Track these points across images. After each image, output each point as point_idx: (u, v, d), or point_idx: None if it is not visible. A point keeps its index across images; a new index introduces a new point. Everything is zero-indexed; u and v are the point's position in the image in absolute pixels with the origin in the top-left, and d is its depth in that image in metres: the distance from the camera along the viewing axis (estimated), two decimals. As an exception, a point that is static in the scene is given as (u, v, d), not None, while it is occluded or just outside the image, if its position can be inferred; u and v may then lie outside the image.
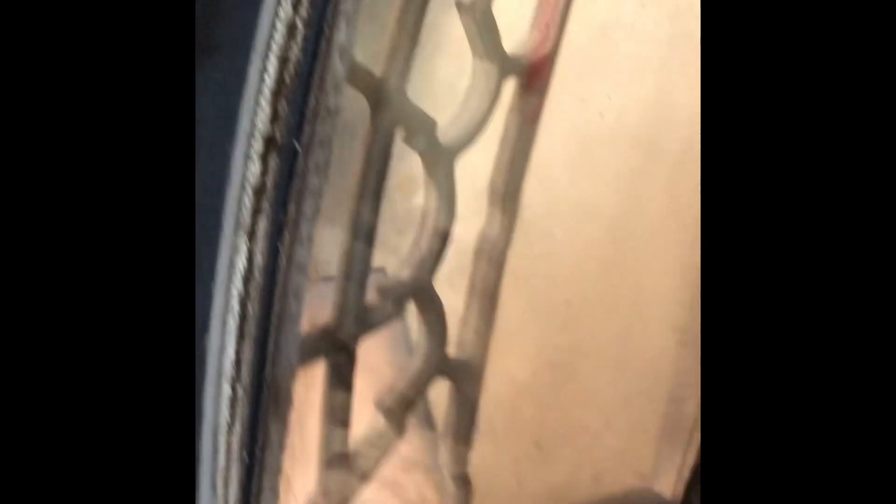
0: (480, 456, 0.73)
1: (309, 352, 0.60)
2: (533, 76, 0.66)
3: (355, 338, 0.63)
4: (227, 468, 0.56)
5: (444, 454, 0.75)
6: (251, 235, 0.51)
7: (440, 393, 0.75)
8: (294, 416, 0.57)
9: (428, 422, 0.80)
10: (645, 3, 0.66)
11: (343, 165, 0.60)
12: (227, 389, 0.54)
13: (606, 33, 0.65)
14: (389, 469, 0.82)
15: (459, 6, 0.59)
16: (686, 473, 0.99)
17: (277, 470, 0.58)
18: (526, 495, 0.78)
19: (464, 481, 0.75)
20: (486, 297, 0.72)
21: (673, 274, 0.81)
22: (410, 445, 0.80)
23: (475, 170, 0.69)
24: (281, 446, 0.57)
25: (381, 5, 0.56)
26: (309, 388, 0.60)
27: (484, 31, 0.60)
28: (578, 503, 0.83)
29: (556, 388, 0.77)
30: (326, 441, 0.66)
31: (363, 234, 0.61)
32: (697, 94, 0.72)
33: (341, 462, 0.67)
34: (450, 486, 0.76)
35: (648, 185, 0.73)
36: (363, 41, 0.56)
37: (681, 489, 1.00)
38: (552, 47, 0.65)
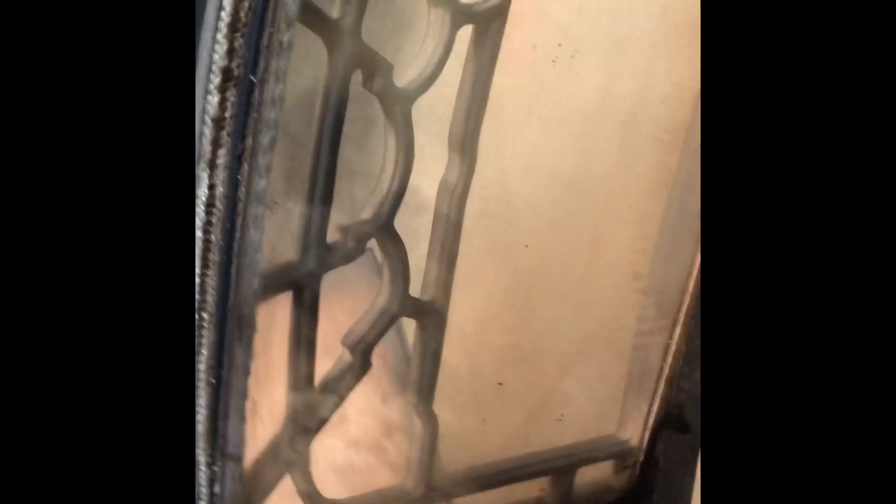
0: (444, 394, 0.77)
1: (271, 285, 0.64)
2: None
3: (317, 274, 0.66)
4: (196, 391, 0.59)
5: (410, 393, 0.79)
6: (212, 166, 0.54)
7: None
8: (258, 342, 0.60)
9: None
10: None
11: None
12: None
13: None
14: (374, 434, 0.85)
15: (411, -46, 0.62)
16: (652, 422, 1.03)
17: (243, 393, 0.61)
18: (490, 433, 0.82)
19: (429, 418, 0.79)
20: (448, 240, 0.75)
21: (630, 222, 0.84)
22: (393, 409, 0.84)
23: (438, 117, 0.72)
24: (246, 371, 0.61)
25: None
26: (272, 314, 0.63)
27: (436, -23, 0.63)
28: (544, 444, 0.87)
29: (517, 330, 0.80)
30: (293, 376, 0.70)
31: (323, 175, 0.64)
32: (652, 40, 0.75)
33: (308, 396, 0.70)
34: (416, 424, 0.80)
35: (602, 132, 0.76)
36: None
37: (647, 438, 1.03)
38: (504, -5, 0.68)
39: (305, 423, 0.69)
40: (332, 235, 0.67)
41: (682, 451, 1.05)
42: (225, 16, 0.51)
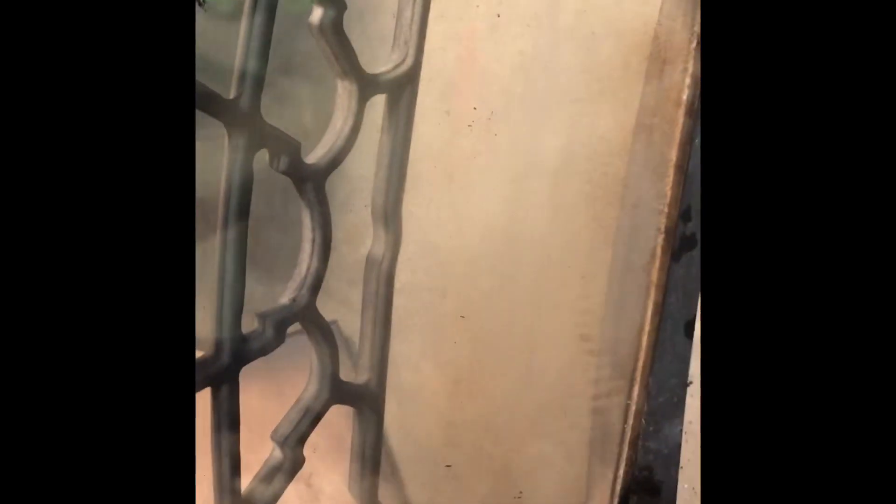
0: (388, 482, 0.71)
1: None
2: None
3: (234, 368, 0.62)
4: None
5: (354, 483, 0.74)
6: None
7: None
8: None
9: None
10: (500, 15, 0.68)
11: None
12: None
13: (466, 45, 0.66)
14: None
15: (310, 27, 0.60)
16: (619, 489, 0.98)
17: None
18: (442, 520, 0.77)
19: (375, 511, 0.73)
20: (379, 316, 0.71)
21: (571, 282, 0.81)
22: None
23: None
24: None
25: (230, 32, 0.57)
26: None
27: (338, 50, 0.61)
28: (503, 525, 0.81)
29: (461, 406, 0.76)
30: (218, 478, 0.64)
31: (232, 261, 0.60)
32: (573, 97, 0.74)
33: (235, 499, 0.65)
34: (363, 517, 0.74)
35: (529, 192, 0.73)
36: (213, 67, 0.57)
37: (616, 505, 0.98)
38: (413, 64, 0.66)
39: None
40: (249, 325, 0.63)
41: (655, 515, 1.00)
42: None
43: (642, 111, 0.82)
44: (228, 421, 0.62)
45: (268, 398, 0.77)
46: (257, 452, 0.68)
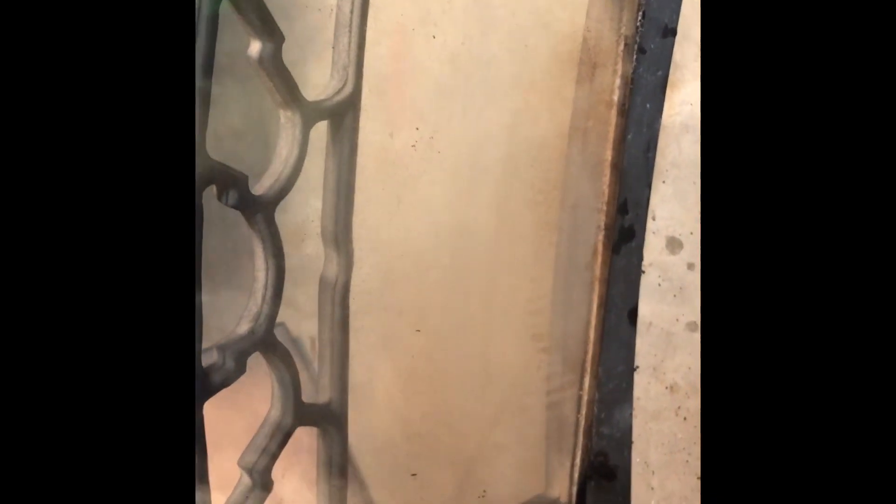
0: (355, 497, 0.73)
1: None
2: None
3: (197, 403, 0.62)
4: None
5: (322, 499, 0.75)
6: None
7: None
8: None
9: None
10: (436, 36, 0.69)
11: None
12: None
13: (403, 66, 0.68)
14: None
15: (249, 61, 0.61)
16: (577, 476, 1.02)
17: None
18: (411, 527, 0.79)
19: (345, 525, 0.75)
20: (336, 337, 0.72)
21: (520, 286, 0.84)
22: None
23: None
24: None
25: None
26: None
27: (278, 81, 0.62)
28: (470, 525, 0.84)
29: (424, 417, 0.78)
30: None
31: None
32: (512, 108, 0.76)
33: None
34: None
35: (476, 205, 0.76)
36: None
37: (575, 492, 1.02)
38: (353, 90, 0.67)
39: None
40: (208, 357, 0.63)
41: (612, 497, 1.05)
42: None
43: (576, 115, 0.85)
44: (198, 457, 0.62)
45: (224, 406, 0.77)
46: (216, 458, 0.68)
